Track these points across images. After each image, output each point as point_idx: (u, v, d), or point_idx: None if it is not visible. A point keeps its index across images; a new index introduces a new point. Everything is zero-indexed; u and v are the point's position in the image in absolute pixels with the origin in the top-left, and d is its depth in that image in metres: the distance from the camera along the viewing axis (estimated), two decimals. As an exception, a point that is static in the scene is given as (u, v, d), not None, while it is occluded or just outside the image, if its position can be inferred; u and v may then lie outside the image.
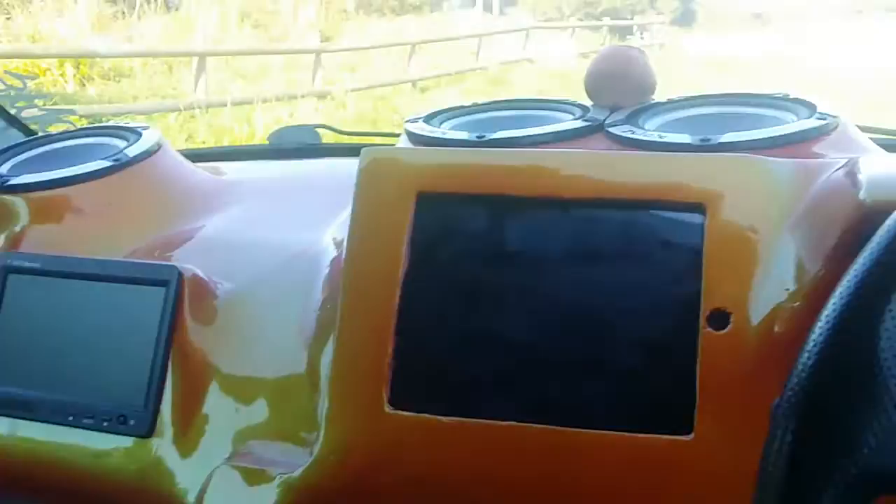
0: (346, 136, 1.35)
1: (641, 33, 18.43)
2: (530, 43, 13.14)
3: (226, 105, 7.21)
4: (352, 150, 1.21)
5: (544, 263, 0.67)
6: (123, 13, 10.23)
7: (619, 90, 0.87)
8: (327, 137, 1.37)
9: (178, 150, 1.07)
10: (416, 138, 0.87)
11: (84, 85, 7.83)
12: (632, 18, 19.79)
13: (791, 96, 0.84)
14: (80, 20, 8.99)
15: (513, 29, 14.16)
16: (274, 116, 7.18)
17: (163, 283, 0.79)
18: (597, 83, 0.88)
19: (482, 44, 12.08)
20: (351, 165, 0.74)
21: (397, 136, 0.94)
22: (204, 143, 6.36)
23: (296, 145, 1.23)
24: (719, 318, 0.62)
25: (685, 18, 22.52)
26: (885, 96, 8.74)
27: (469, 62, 11.53)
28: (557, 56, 12.13)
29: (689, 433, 0.61)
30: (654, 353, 0.64)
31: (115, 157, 0.95)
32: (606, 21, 17.57)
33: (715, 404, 0.61)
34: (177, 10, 10.29)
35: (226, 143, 6.29)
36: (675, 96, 0.89)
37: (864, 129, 0.86)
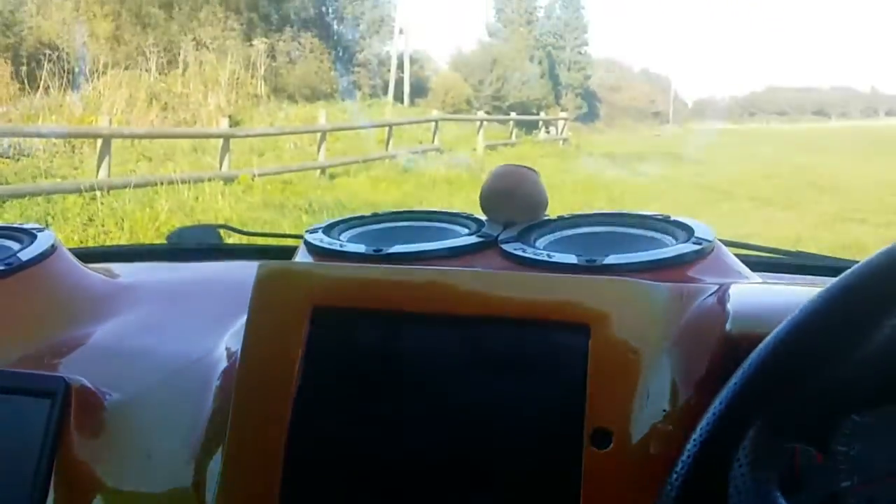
0: (248, 237, 1.35)
1: (547, 128, 19.10)
2: (439, 133, 13.43)
3: (129, 187, 7.09)
4: (253, 252, 1.21)
5: (436, 380, 0.68)
6: (28, 90, 10.05)
7: (511, 207, 0.90)
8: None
9: (73, 249, 1.05)
10: (314, 249, 0.88)
11: (-20, 165, 7.63)
12: (537, 114, 20.50)
13: (671, 218, 0.89)
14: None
15: (422, 119, 14.47)
16: (179, 200, 7.09)
17: (48, 395, 0.76)
18: (490, 200, 0.91)
19: (392, 133, 12.28)
20: (251, 268, 0.74)
21: (299, 237, 0.95)
22: (103, 225, 6.22)
23: (195, 246, 1.23)
24: (602, 437, 0.64)
25: (588, 115, 23.44)
26: (768, 193, 9.60)
27: (379, 150, 11.69)
28: (465, 147, 12.44)
29: None
30: (541, 471, 0.65)
31: (7, 261, 0.93)
32: (513, 115, 18.15)
33: None
34: (77, 89, 10.14)
35: (126, 225, 6.17)
36: (565, 214, 0.93)
37: (733, 245, 0.91)
